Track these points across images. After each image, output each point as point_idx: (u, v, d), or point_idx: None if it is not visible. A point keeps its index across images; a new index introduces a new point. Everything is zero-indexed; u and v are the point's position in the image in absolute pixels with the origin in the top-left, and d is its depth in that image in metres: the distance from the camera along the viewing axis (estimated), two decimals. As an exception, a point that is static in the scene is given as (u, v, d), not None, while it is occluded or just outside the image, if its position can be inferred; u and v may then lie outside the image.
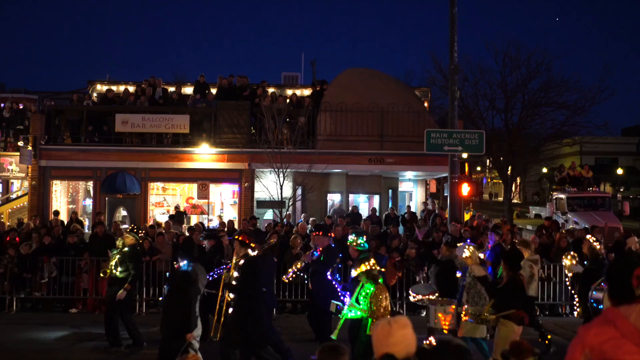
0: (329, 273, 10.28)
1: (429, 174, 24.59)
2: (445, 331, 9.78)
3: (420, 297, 10.55)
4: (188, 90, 25.04)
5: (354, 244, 10.22)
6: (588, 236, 11.76)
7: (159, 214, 23.10)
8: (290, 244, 14.58)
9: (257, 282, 9.29)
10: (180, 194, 24.13)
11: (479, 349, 9.68)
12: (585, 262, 11.30)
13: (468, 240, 13.52)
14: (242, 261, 9.34)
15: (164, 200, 24.08)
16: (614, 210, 28.33)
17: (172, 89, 24.42)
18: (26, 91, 33.17)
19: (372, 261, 8.59)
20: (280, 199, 20.37)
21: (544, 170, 51.10)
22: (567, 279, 13.52)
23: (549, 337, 11.60)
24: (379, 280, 8.52)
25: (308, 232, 17.29)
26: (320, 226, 13.41)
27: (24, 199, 23.01)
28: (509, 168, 34.81)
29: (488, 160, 48.66)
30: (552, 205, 27.44)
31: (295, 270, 10.62)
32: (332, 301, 9.53)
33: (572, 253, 11.32)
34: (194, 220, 22.00)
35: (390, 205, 23.33)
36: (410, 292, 11.32)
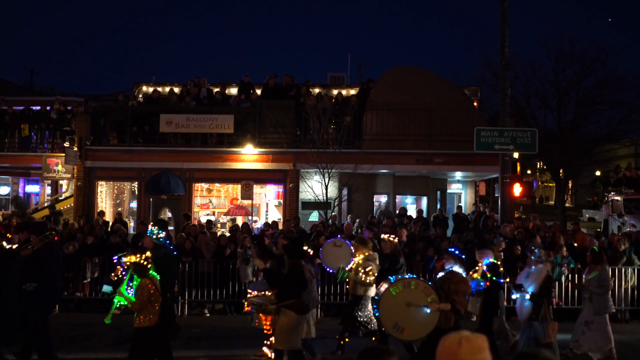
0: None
1: (478, 174, 23.87)
2: (266, 332, 9.74)
3: (255, 293, 9.95)
4: (233, 90, 24.84)
5: (153, 235, 10.36)
6: (385, 235, 11.81)
7: (203, 216, 22.93)
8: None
9: (5, 276, 9.34)
10: (224, 195, 23.96)
11: (305, 347, 9.40)
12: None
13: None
14: None
15: (209, 202, 23.93)
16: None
17: (217, 89, 24.24)
18: (75, 94, 33.40)
19: (145, 255, 8.37)
20: (325, 200, 19.93)
21: (597, 173, 49.63)
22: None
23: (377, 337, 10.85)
24: (150, 274, 8.33)
25: (353, 233, 16.89)
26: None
27: (72, 199, 23.09)
28: (561, 170, 33.72)
29: (539, 163, 47.39)
30: (607, 208, 26.33)
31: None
32: (105, 285, 9.66)
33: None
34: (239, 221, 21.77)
35: (438, 206, 22.69)
36: (247, 289, 11.21)
